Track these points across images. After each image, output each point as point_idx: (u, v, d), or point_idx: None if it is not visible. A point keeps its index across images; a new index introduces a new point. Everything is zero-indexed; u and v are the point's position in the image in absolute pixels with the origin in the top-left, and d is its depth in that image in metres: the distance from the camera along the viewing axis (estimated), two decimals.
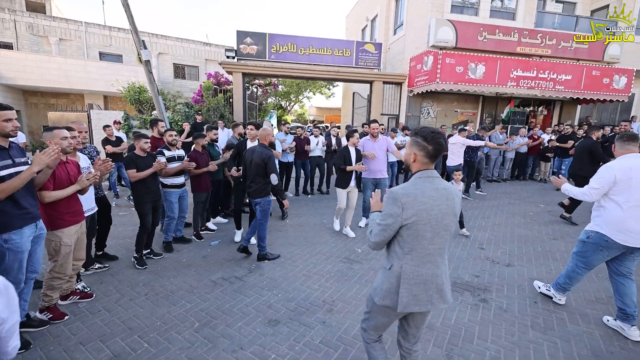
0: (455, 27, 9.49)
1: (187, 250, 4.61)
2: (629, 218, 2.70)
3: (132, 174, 3.85)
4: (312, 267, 4.12)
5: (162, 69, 17.31)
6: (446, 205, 1.65)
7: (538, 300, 3.47)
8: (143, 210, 3.97)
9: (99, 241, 4.12)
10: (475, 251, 4.70)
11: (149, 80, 8.90)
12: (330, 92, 19.70)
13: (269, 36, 10.72)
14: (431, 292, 1.70)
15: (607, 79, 9.69)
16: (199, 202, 4.89)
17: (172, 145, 4.48)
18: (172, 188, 4.46)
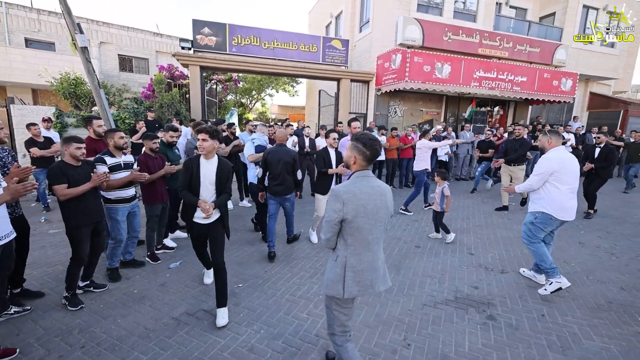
0: (422, 26, 9.30)
1: (140, 277, 3.67)
2: (566, 199, 3.29)
3: (61, 191, 2.82)
4: (296, 289, 3.47)
5: (104, 60, 15.19)
6: (380, 200, 1.85)
7: (545, 312, 3.18)
8: (77, 236, 2.95)
9: (14, 275, 3.03)
10: (466, 258, 4.37)
11: (88, 71, 7.41)
12: (294, 89, 18.82)
13: (229, 27, 9.71)
14: (372, 277, 1.89)
15: (556, 81, 10.18)
16: (152, 216, 3.95)
17: (118, 149, 3.50)
18: (119, 203, 3.49)
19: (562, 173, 3.27)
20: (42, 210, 5.90)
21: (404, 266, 4.08)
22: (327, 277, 1.94)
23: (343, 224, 1.82)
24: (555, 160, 3.29)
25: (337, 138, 4.40)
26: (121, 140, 3.47)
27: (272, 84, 17.67)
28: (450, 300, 3.33)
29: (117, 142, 3.45)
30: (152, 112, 8.40)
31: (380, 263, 1.94)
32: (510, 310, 3.18)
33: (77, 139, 2.98)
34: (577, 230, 5.42)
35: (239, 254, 4.33)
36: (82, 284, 3.21)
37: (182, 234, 4.76)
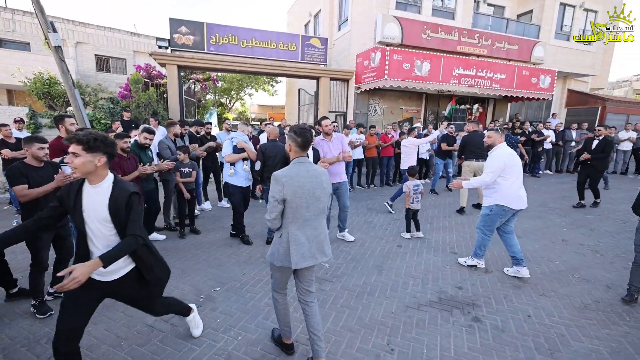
0: (401, 24, 9.07)
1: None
2: (516, 189, 3.47)
3: (20, 192, 2.58)
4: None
5: (81, 60, 14.45)
6: (315, 181, 2.05)
7: (531, 313, 2.95)
8: (36, 242, 2.71)
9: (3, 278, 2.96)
10: (449, 257, 4.09)
11: (62, 70, 6.95)
12: (273, 88, 18.34)
13: (207, 26, 9.27)
14: (313, 249, 2.08)
15: (534, 79, 10.10)
16: None
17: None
18: None
19: (511, 166, 3.46)
20: (14, 213, 5.47)
21: (386, 267, 3.80)
22: (275, 252, 2.11)
23: (285, 204, 2.02)
24: (505, 155, 3.49)
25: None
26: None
27: (251, 84, 17.17)
28: (434, 302, 3.07)
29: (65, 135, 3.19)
30: (128, 112, 7.91)
31: (322, 237, 2.15)
32: (495, 312, 2.94)
33: (39, 139, 2.73)
34: (560, 228, 5.22)
35: (217, 255, 4.02)
36: (52, 290, 2.99)
37: (160, 237, 4.44)
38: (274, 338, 2.45)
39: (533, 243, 4.55)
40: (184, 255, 4.00)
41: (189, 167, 4.56)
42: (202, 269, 3.63)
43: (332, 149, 4.27)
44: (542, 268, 3.80)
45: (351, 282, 3.40)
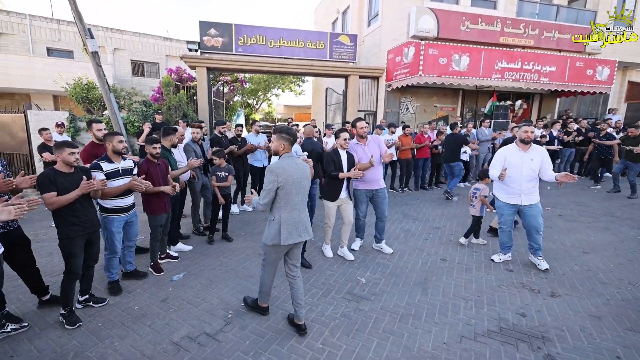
0: (437, 16, 8.42)
1: (142, 290, 3.22)
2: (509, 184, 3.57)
3: (48, 199, 2.49)
4: (309, 312, 2.85)
5: (118, 66, 15.09)
6: (302, 172, 2.46)
7: (620, 354, 2.36)
8: (70, 248, 2.62)
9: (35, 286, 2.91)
10: (504, 275, 3.54)
11: (98, 75, 7.21)
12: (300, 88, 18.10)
13: (235, 27, 9.18)
14: (300, 229, 2.49)
15: (590, 70, 9.04)
16: (156, 227, 3.52)
17: (117, 154, 3.09)
18: (116, 213, 3.11)
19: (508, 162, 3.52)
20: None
21: (430, 284, 3.34)
22: (269, 234, 2.47)
23: (278, 191, 2.37)
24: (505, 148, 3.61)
25: (347, 138, 3.69)
26: (120, 145, 3.05)
27: (278, 84, 17.04)
28: (493, 332, 2.58)
29: (116, 147, 3.04)
30: (159, 114, 7.98)
31: (306, 219, 2.55)
32: (573, 349, 2.40)
33: (69, 144, 2.63)
34: (637, 242, 4.41)
35: (246, 265, 3.79)
36: (82, 299, 2.90)
37: (186, 247, 4.20)
38: (248, 304, 2.84)
39: (606, 261, 3.85)
40: (211, 263, 3.79)
41: (225, 171, 4.34)
42: (230, 280, 3.38)
43: (367, 154, 3.84)
44: (623, 294, 3.14)
45: (392, 302, 2.99)
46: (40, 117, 8.23)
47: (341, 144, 3.70)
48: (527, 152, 3.50)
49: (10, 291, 3.02)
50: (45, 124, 7.35)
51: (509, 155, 3.55)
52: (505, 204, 3.64)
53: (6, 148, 8.24)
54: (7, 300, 2.71)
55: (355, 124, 3.91)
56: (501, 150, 3.69)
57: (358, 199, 3.98)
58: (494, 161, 3.69)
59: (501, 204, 3.69)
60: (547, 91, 9.73)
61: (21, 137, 8.16)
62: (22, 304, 2.92)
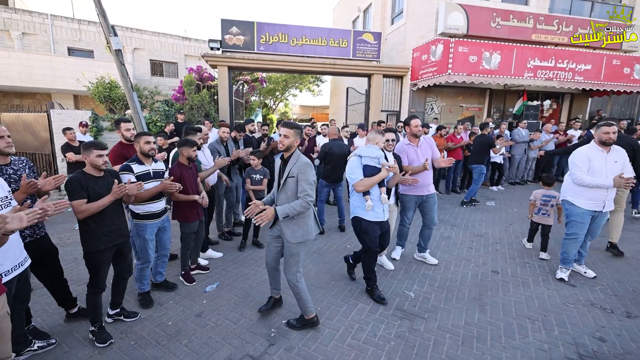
0: (466, 12, 8.05)
1: (174, 302, 2.99)
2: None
3: (77, 207, 2.25)
4: (359, 331, 2.59)
5: (137, 65, 15.05)
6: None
7: None
8: (98, 262, 2.39)
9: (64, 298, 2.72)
10: (567, 291, 3.21)
11: (121, 74, 7.01)
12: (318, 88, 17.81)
13: (257, 25, 8.94)
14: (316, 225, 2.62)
15: (627, 69, 8.53)
16: (188, 234, 3.30)
17: (147, 156, 2.85)
18: (148, 219, 2.87)
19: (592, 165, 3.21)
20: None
21: (487, 301, 3.05)
22: (306, 228, 2.46)
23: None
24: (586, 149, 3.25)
25: (394, 139, 3.29)
26: (147, 146, 2.80)
27: (296, 84, 16.78)
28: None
29: (143, 148, 2.80)
30: (182, 114, 7.85)
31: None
32: None
33: (98, 145, 2.38)
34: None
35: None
36: (112, 312, 2.69)
37: (216, 254, 3.97)
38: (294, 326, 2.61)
39: None
40: (244, 272, 3.57)
41: (261, 174, 4.12)
42: (266, 291, 3.08)
43: (420, 156, 3.53)
44: None
45: (449, 321, 2.71)
46: (63, 117, 8.18)
47: (385, 147, 3.28)
48: (609, 153, 3.13)
49: (35, 301, 2.82)
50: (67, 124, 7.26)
51: (590, 157, 3.15)
52: (585, 212, 3.19)
53: (29, 148, 8.18)
54: (32, 312, 2.53)
55: (409, 122, 3.55)
56: (582, 150, 3.23)
57: (405, 205, 3.68)
58: (577, 163, 3.19)
59: (579, 210, 3.23)
60: (577, 90, 9.25)
61: (44, 137, 8.10)
62: (48, 316, 2.73)
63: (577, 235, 3.25)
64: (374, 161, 2.93)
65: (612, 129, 3.04)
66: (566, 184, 3.35)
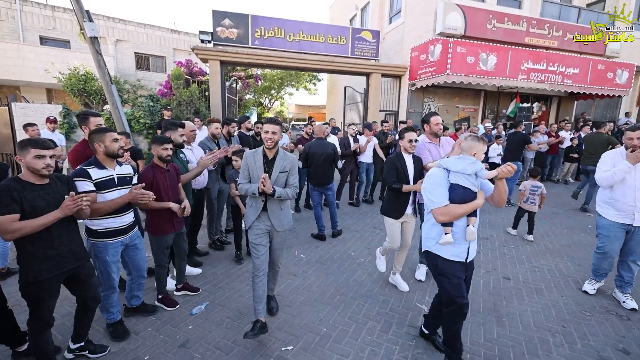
0: (464, 13, 8.03)
1: (153, 329, 2.56)
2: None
3: (7, 226, 1.70)
4: (371, 355, 2.35)
5: (121, 58, 14.18)
6: None
7: None
8: (38, 292, 1.86)
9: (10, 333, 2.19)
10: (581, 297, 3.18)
11: (98, 64, 6.41)
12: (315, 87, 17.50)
13: (251, 18, 8.56)
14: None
15: (611, 74, 8.83)
16: (161, 249, 2.75)
17: (111, 157, 2.26)
18: (110, 237, 2.28)
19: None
20: None
21: (503, 311, 2.94)
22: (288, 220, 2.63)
23: None
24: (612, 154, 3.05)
25: (415, 140, 2.97)
26: (114, 145, 2.23)
27: (292, 82, 16.39)
28: None
29: (110, 147, 2.21)
30: (169, 110, 7.32)
31: None
32: None
33: (37, 143, 1.81)
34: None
35: (282, 291, 3.18)
36: (74, 347, 2.17)
37: (194, 270, 3.41)
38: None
39: None
40: (239, 288, 3.15)
41: None
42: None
43: (442, 157, 3.26)
44: None
45: (467, 338, 2.52)
46: (28, 111, 7.31)
47: (406, 147, 2.96)
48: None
49: None
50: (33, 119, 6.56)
51: (619, 163, 2.89)
52: (613, 223, 2.95)
53: None
54: None
55: (429, 119, 3.21)
56: (608, 155, 3.03)
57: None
58: (599, 166, 3.02)
59: (607, 222, 3.00)
60: (565, 94, 9.52)
61: (4, 134, 7.12)
62: None
63: (605, 249, 3.03)
64: (468, 180, 2.05)
65: (637, 133, 2.80)
66: (598, 196, 3.17)
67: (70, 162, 2.61)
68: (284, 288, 3.21)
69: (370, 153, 6.09)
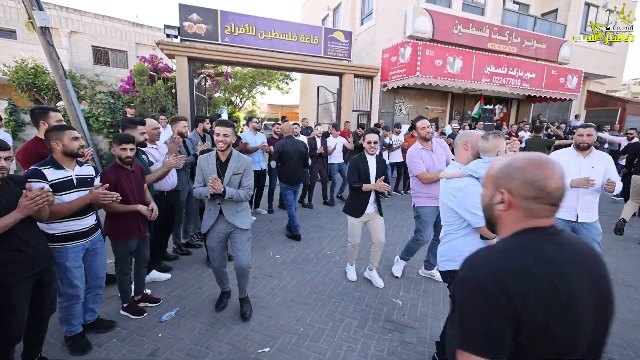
0: (432, 18, 8.30)
1: (118, 340, 2.37)
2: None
3: None
4: (349, 352, 2.31)
5: (76, 51, 13.11)
6: None
7: None
8: (10, 299, 1.72)
9: None
10: None
11: (49, 57, 5.84)
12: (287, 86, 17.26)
13: (221, 14, 8.27)
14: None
15: (562, 79, 9.56)
16: (123, 256, 2.55)
17: (70, 156, 2.09)
18: (70, 241, 2.11)
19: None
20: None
21: None
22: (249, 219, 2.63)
23: None
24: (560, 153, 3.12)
25: (376, 141, 2.99)
26: (74, 143, 2.07)
27: (264, 81, 16.07)
28: None
29: (69, 146, 2.05)
30: (132, 107, 6.84)
31: None
32: None
33: None
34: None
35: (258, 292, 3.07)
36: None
37: (162, 276, 3.20)
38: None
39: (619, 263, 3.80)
40: (212, 292, 2.98)
41: None
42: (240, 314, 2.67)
43: (435, 162, 3.09)
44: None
45: (440, 329, 2.53)
46: None
47: (366, 148, 3.01)
48: (586, 157, 2.85)
49: None
50: None
51: (565, 162, 2.85)
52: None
53: None
54: None
55: (415, 125, 3.14)
56: (554, 155, 3.01)
57: (424, 220, 3.13)
58: None
59: None
60: (524, 97, 10.16)
61: None
62: None
63: None
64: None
65: (587, 130, 2.83)
66: None
67: (19, 163, 2.34)
68: (259, 290, 3.09)
69: (340, 154, 6.09)
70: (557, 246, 0.81)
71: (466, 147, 2.10)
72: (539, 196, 0.81)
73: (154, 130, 3.25)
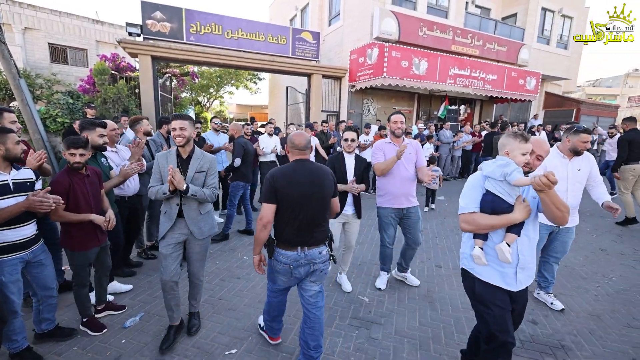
0: (398, 20, 8.48)
1: (78, 348, 2.28)
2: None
3: None
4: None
5: (31, 49, 12.27)
6: None
7: (635, 356, 2.38)
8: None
9: None
10: None
11: (1, 55, 5.53)
12: (256, 86, 17.00)
13: (185, 12, 8.05)
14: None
15: (522, 80, 10.03)
16: (81, 267, 2.35)
17: (9, 160, 1.98)
18: (6, 253, 1.95)
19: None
20: None
21: (436, 297, 3.13)
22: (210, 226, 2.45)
23: None
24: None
25: (354, 139, 2.92)
26: (17, 148, 1.98)
27: (232, 81, 15.75)
28: (517, 347, 2.39)
29: (12, 151, 1.95)
30: (92, 108, 6.47)
31: None
32: (593, 356, 2.35)
33: None
34: (589, 235, 4.85)
35: (222, 294, 2.99)
36: None
37: (123, 287, 3.03)
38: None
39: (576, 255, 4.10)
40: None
41: None
42: (207, 317, 2.66)
43: (403, 160, 2.93)
44: (604, 288, 3.32)
45: (405, 324, 2.67)
46: None
47: (344, 147, 2.92)
48: (572, 160, 2.72)
49: None
50: None
51: (552, 166, 2.69)
52: (541, 225, 2.62)
53: None
54: None
55: (390, 118, 3.03)
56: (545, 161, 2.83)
57: (383, 221, 3.08)
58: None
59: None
60: (486, 97, 10.60)
61: None
62: None
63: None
64: (501, 187, 1.64)
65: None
66: None
67: None
68: (227, 291, 3.05)
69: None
70: (299, 164, 1.98)
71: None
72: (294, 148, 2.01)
73: (112, 132, 3.05)
